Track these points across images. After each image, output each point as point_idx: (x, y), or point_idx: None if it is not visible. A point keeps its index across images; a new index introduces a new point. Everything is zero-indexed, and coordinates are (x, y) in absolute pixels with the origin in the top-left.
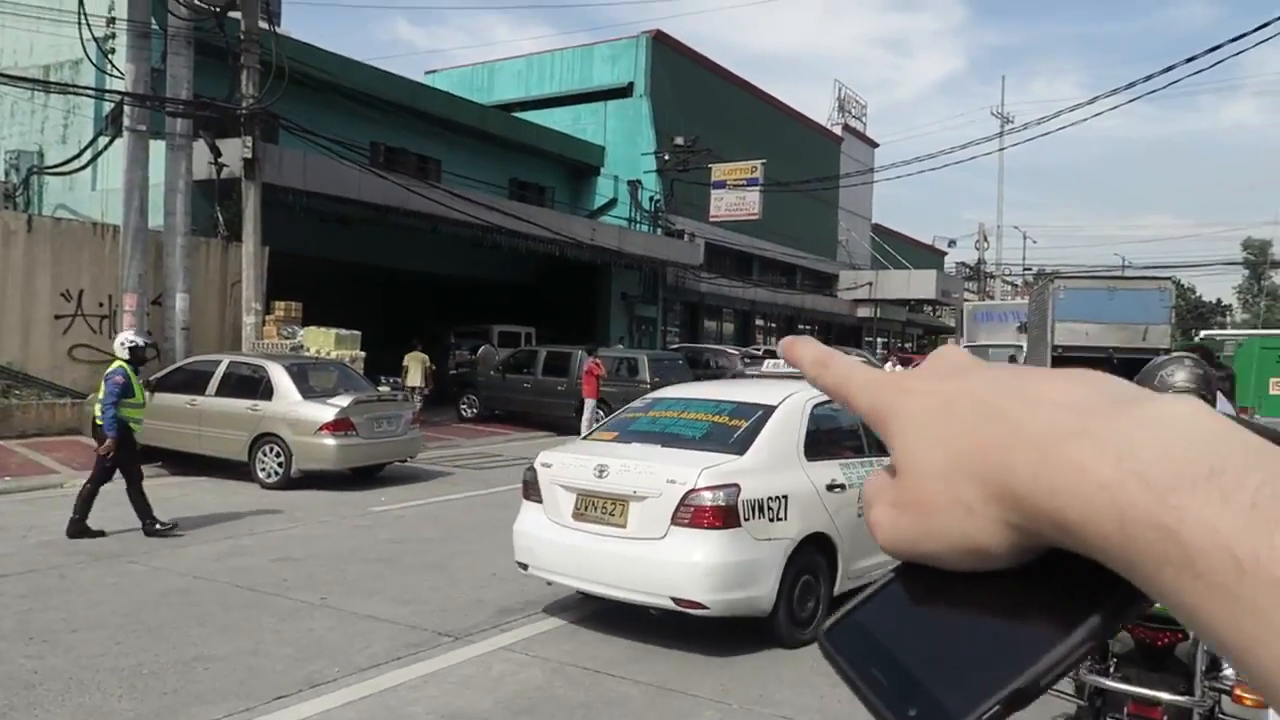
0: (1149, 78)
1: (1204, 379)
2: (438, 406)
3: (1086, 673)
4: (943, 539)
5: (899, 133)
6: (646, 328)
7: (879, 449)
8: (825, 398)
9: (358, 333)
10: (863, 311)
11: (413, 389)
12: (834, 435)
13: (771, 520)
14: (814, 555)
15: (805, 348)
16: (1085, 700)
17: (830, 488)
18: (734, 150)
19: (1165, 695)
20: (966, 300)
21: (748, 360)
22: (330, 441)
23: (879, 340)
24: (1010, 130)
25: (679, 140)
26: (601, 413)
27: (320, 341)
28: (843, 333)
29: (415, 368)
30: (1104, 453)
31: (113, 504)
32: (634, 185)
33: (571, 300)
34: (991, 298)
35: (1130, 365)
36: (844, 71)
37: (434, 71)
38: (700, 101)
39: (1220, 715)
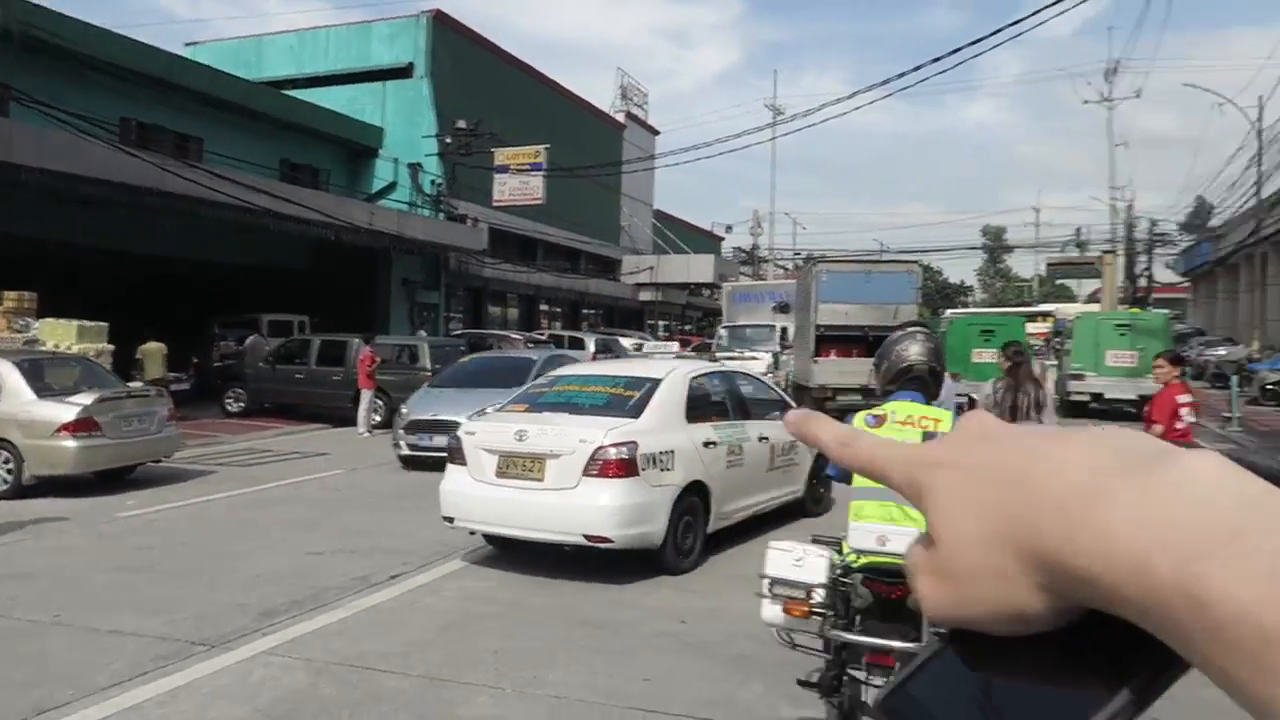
0: (901, 75)
1: (934, 351)
2: (200, 401)
3: (830, 628)
4: (983, 606)
5: (680, 121)
6: (428, 314)
7: (743, 413)
8: (703, 370)
9: (104, 324)
10: (645, 295)
11: (153, 383)
12: (708, 402)
13: (662, 470)
14: (693, 499)
15: (823, 427)
16: (831, 654)
17: (706, 444)
18: (518, 135)
19: (897, 644)
20: (727, 282)
21: (530, 345)
22: (70, 443)
23: (660, 323)
24: (781, 121)
25: (461, 123)
26: (380, 403)
27: (59, 335)
28: (625, 316)
29: (153, 360)
30: (1127, 517)
31: None
32: (414, 168)
33: (349, 287)
34: (765, 280)
35: (882, 342)
36: (628, 60)
37: (196, 44)
38: (483, 85)
39: None
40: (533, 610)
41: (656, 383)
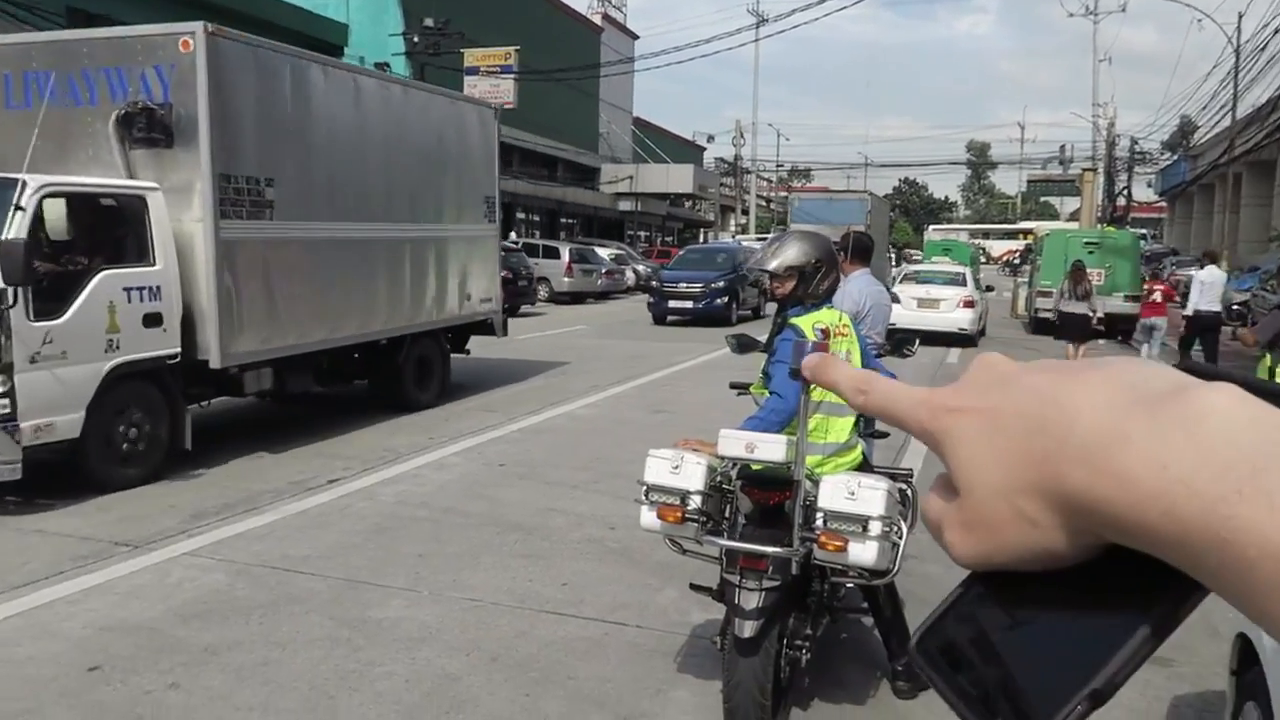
0: None
1: (822, 249)
2: None
3: (703, 534)
4: (1013, 551)
5: (661, 25)
6: None
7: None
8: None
9: None
10: (624, 205)
11: None
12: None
13: (978, 303)
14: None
15: (839, 373)
16: (719, 557)
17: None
18: (489, 36)
19: (769, 549)
20: (718, 191)
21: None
22: None
23: (641, 234)
24: (763, 23)
25: (429, 22)
26: None
27: None
28: (605, 226)
29: None
30: (1149, 462)
31: None
32: (381, 68)
33: None
34: (747, 193)
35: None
36: None
37: None
38: None
39: (814, 560)
40: (465, 515)
41: (964, 272)
